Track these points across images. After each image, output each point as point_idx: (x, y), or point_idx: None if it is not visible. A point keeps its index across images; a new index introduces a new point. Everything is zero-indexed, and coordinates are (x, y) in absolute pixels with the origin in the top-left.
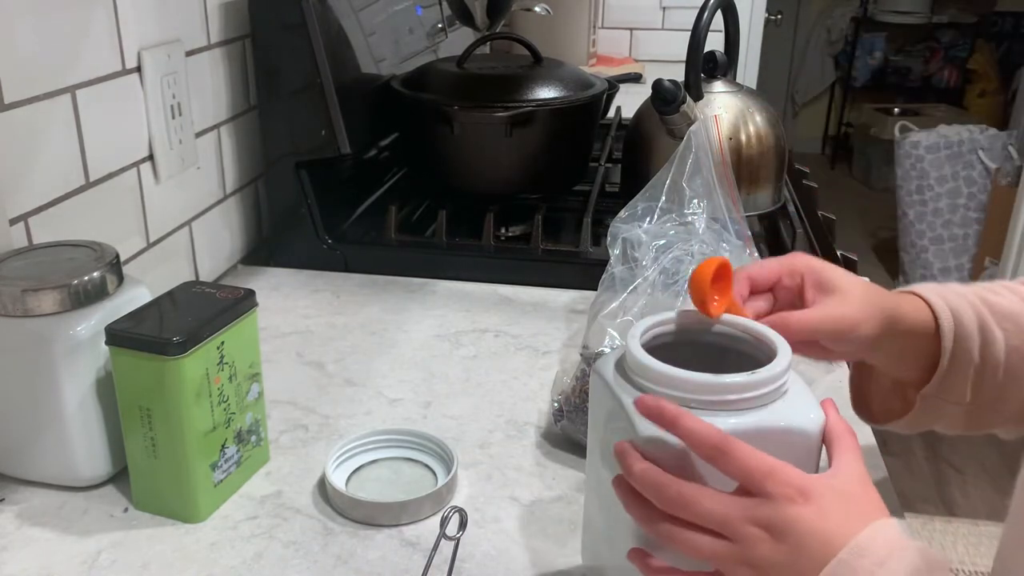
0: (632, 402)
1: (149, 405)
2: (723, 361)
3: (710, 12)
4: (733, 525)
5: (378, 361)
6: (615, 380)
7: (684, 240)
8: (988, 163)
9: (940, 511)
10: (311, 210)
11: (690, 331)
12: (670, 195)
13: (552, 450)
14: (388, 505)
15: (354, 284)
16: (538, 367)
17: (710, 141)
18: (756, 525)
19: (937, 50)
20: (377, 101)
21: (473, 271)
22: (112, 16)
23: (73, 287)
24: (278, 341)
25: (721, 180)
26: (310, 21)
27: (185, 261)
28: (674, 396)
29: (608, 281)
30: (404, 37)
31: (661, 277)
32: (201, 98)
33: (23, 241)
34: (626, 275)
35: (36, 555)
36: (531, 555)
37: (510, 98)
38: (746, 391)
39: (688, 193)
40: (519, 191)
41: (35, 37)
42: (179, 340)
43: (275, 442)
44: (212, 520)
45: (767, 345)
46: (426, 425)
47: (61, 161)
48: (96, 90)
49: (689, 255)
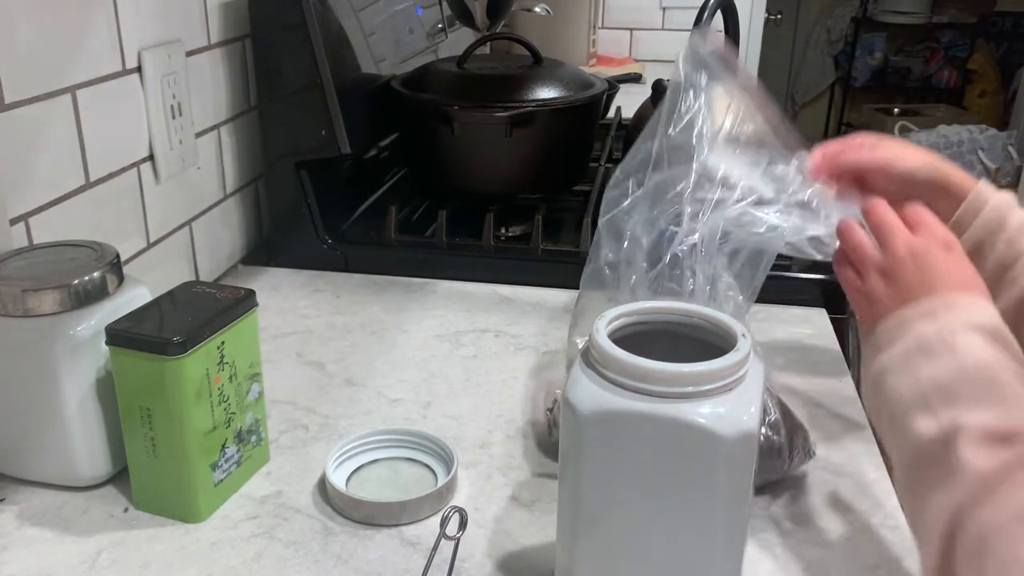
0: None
1: (149, 405)
2: (687, 350)
3: (710, 12)
4: (864, 265)
5: (378, 361)
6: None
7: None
8: (988, 163)
9: None
10: (311, 210)
11: (657, 322)
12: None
13: (552, 450)
14: (388, 505)
15: (354, 284)
16: (538, 367)
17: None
18: (877, 271)
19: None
20: (377, 101)
21: (473, 271)
22: (112, 16)
23: (73, 287)
24: (278, 341)
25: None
26: (310, 21)
27: (185, 261)
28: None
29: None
30: (404, 37)
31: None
32: (201, 98)
33: (23, 241)
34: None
35: (36, 555)
36: (531, 555)
37: (510, 98)
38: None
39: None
40: (519, 191)
41: (35, 37)
42: (179, 340)
43: (275, 442)
44: (212, 520)
45: (729, 335)
46: (426, 425)
47: (61, 161)
48: (96, 90)
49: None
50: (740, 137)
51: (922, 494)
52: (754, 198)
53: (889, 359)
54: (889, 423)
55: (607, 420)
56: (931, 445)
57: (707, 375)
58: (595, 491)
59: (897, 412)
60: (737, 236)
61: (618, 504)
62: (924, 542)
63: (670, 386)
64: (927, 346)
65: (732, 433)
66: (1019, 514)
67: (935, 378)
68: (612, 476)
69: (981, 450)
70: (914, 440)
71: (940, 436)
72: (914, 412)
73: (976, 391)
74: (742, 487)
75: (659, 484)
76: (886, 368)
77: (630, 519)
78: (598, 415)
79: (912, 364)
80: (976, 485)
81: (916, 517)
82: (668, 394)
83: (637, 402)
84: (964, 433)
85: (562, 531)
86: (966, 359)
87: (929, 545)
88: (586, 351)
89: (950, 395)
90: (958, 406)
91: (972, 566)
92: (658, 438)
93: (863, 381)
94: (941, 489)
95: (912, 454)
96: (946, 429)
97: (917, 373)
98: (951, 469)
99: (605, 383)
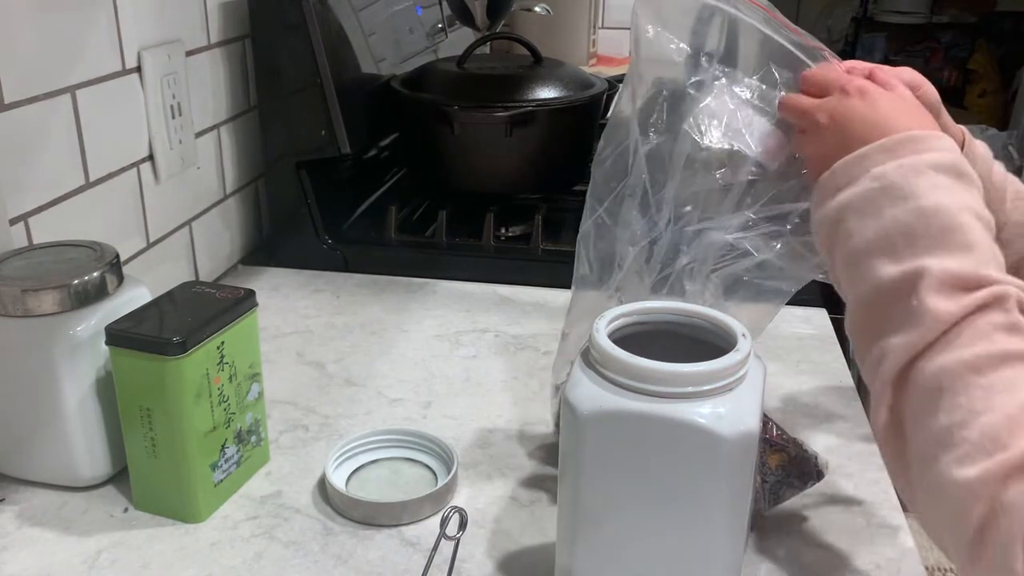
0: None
1: (149, 405)
2: (691, 351)
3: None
4: (811, 113)
5: (378, 361)
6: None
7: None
8: None
9: None
10: (311, 210)
11: (656, 322)
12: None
13: (552, 450)
14: (388, 505)
15: (354, 284)
16: (538, 367)
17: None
18: (824, 112)
19: (937, 50)
20: (377, 101)
21: (473, 271)
22: (112, 16)
23: (73, 287)
24: (278, 341)
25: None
26: (310, 21)
27: (185, 261)
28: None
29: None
30: (404, 37)
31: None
32: (201, 98)
33: (23, 241)
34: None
35: (36, 555)
36: (531, 555)
37: (510, 98)
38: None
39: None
40: (519, 191)
41: (35, 37)
42: (179, 340)
43: (275, 442)
44: (212, 520)
45: (729, 335)
46: (426, 425)
47: (61, 161)
48: (96, 90)
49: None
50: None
51: (878, 335)
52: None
53: (849, 199)
54: (846, 264)
55: (607, 420)
56: (892, 288)
57: (707, 375)
58: (595, 491)
59: (859, 253)
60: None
61: (618, 504)
62: (875, 388)
63: (670, 386)
64: (891, 187)
65: (732, 433)
66: (975, 362)
67: (899, 220)
68: (612, 476)
69: (943, 296)
70: (874, 282)
71: (902, 279)
72: (876, 254)
73: (941, 236)
74: (742, 487)
75: (659, 484)
76: (847, 207)
77: (630, 519)
78: (598, 415)
79: (875, 205)
80: (935, 330)
81: (866, 359)
82: (668, 394)
83: (637, 402)
84: (927, 278)
85: (562, 531)
86: (931, 202)
87: (880, 393)
88: (586, 351)
89: (914, 239)
90: (922, 250)
91: (922, 410)
92: (658, 438)
93: (812, 223)
94: (900, 332)
95: (871, 296)
96: (908, 273)
97: (880, 215)
98: (911, 313)
99: (605, 383)
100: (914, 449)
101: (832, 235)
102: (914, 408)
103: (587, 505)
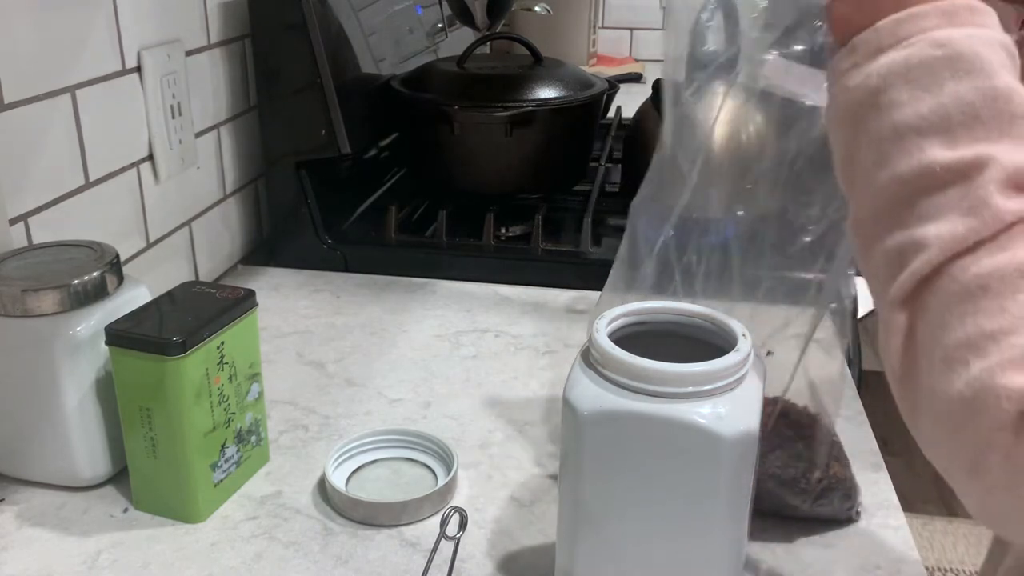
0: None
1: (149, 405)
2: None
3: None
4: None
5: (378, 361)
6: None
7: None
8: None
9: (941, 511)
10: (311, 210)
11: (657, 322)
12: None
13: (552, 450)
14: (388, 505)
15: (354, 284)
16: (538, 367)
17: None
18: None
19: None
20: (377, 101)
21: (473, 271)
22: (112, 16)
23: (73, 287)
24: (278, 341)
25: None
26: (310, 21)
27: (185, 261)
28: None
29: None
30: (404, 37)
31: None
32: (201, 98)
33: (23, 241)
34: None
35: (36, 555)
36: (531, 555)
37: (510, 98)
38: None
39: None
40: (519, 191)
41: (35, 37)
42: (179, 340)
43: (275, 442)
44: (212, 520)
45: (729, 334)
46: (426, 425)
47: (61, 161)
48: (96, 90)
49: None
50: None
51: (908, 223)
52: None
53: (900, 63)
54: (883, 139)
55: (607, 420)
56: (946, 173)
57: (707, 375)
58: (595, 491)
59: (906, 129)
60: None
61: (618, 504)
62: (890, 287)
63: (670, 386)
64: (957, 58)
65: (732, 433)
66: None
67: (962, 99)
68: (612, 476)
69: (1007, 193)
70: (923, 162)
71: (961, 165)
72: (928, 133)
73: (1011, 125)
74: (742, 487)
75: (659, 484)
76: (895, 73)
77: (630, 519)
78: (598, 415)
79: (935, 76)
80: (992, 228)
81: (876, 252)
82: (668, 394)
83: (637, 402)
84: (993, 169)
85: (562, 531)
86: (1003, 83)
87: (903, 284)
88: (586, 351)
89: (979, 122)
90: (984, 137)
91: (955, 311)
92: (658, 438)
93: (829, 94)
94: (946, 221)
95: (913, 176)
96: (970, 161)
97: (940, 88)
98: (967, 203)
99: (605, 383)
100: (935, 352)
101: (864, 105)
102: (943, 307)
103: (587, 505)
